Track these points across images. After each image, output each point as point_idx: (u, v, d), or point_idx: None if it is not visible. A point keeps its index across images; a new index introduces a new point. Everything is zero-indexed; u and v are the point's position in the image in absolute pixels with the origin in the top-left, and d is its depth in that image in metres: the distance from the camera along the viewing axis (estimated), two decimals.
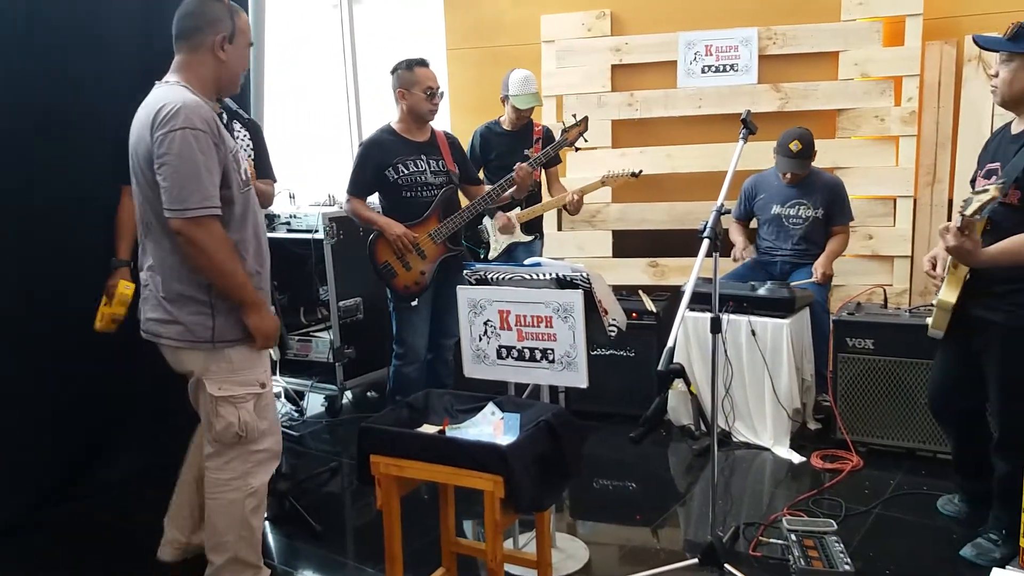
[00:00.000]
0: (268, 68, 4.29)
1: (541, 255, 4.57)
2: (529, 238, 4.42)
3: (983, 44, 2.66)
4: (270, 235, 4.29)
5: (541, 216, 4.49)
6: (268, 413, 2.56)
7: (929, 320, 2.76)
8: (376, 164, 3.61)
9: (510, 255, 4.37)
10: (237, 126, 3.26)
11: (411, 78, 3.58)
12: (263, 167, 3.30)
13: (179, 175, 2.24)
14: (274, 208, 4.56)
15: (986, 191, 2.29)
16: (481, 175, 4.37)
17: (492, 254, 4.37)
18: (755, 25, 4.84)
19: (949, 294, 2.63)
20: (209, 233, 2.28)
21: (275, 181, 3.41)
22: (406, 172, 3.59)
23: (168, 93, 2.32)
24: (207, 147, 2.27)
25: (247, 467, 2.50)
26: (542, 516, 2.46)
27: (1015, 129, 2.65)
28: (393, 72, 3.64)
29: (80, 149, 3.31)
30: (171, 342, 2.43)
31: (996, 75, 2.61)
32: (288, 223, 4.49)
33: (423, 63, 3.62)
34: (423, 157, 3.65)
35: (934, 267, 2.78)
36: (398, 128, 3.67)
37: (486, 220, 4.35)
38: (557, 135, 4.17)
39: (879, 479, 3.43)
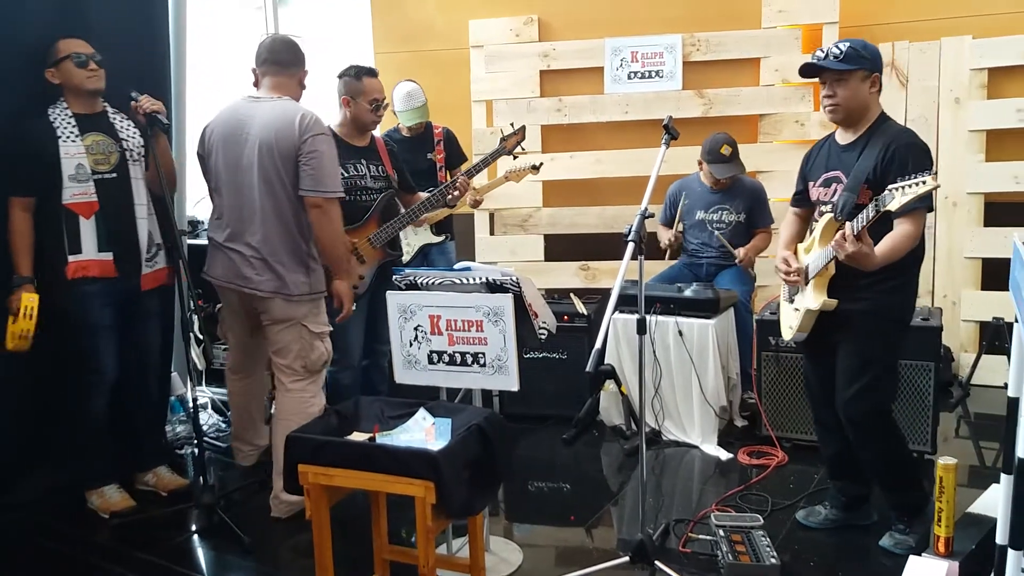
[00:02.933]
0: (191, 72, 4.20)
1: (455, 255, 4.60)
2: (440, 239, 4.48)
3: (826, 65, 2.69)
4: (194, 242, 4.25)
5: (451, 217, 4.53)
6: None
7: (791, 326, 2.88)
8: None
9: (425, 256, 4.41)
10: (128, 123, 3.30)
11: (358, 88, 3.53)
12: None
13: (324, 166, 3.05)
14: (198, 214, 4.46)
15: (921, 183, 2.36)
16: None
17: (405, 257, 4.37)
18: (679, 32, 4.95)
19: (823, 295, 2.74)
20: (336, 209, 3.13)
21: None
22: (346, 176, 3.52)
23: (294, 105, 3.13)
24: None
25: (319, 386, 3.30)
26: (475, 520, 2.46)
27: (843, 140, 2.80)
28: (340, 77, 3.58)
29: None
30: (276, 296, 3.13)
31: (831, 96, 2.70)
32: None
33: (372, 73, 3.57)
34: (363, 161, 3.63)
35: (788, 265, 2.88)
36: (339, 132, 3.61)
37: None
38: (487, 141, 4.19)
39: (803, 474, 3.53)
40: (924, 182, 2.35)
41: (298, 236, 3.15)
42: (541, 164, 4.38)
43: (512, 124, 4.09)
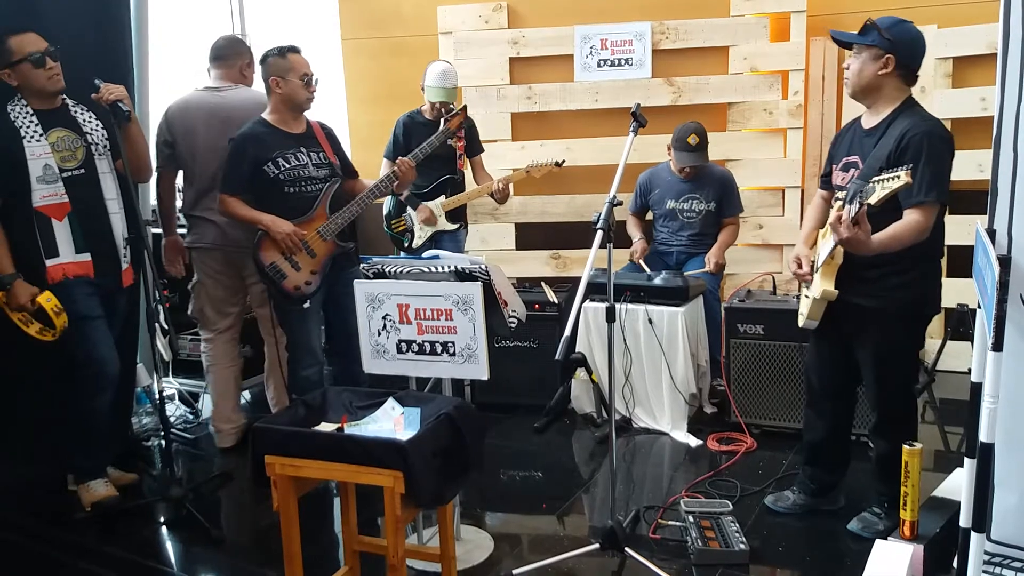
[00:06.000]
0: (155, 60, 4.12)
1: (466, 244, 4.58)
2: (454, 227, 4.41)
3: (839, 37, 2.78)
4: (158, 231, 4.18)
5: (465, 205, 4.49)
6: None
7: (803, 311, 2.87)
8: (253, 159, 3.36)
9: (436, 244, 4.34)
10: (89, 115, 3.22)
11: (285, 65, 3.37)
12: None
13: None
14: None
15: (895, 178, 2.33)
16: None
17: (416, 242, 4.35)
18: (648, 20, 4.94)
19: (828, 284, 2.70)
20: None
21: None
22: (288, 166, 3.38)
23: (259, 93, 3.55)
24: None
25: None
26: (444, 510, 2.45)
27: (867, 124, 2.76)
28: (263, 61, 3.43)
29: None
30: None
31: (847, 68, 2.74)
32: (178, 218, 4.31)
33: (295, 49, 3.43)
34: (303, 150, 3.45)
35: (800, 266, 2.88)
36: (272, 120, 3.44)
37: (409, 209, 4.35)
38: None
39: (772, 459, 3.56)
40: (898, 176, 2.31)
41: None
42: (563, 161, 4.33)
43: (452, 106, 4.07)
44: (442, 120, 3.98)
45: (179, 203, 3.91)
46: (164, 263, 3.90)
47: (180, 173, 3.82)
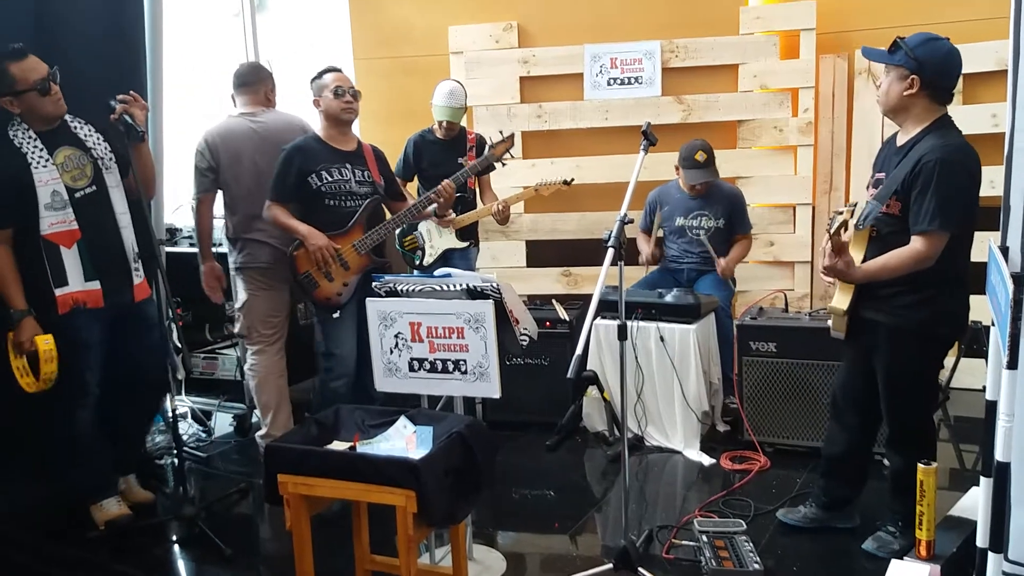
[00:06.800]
0: (168, 79, 4.16)
1: (476, 261, 4.59)
2: (464, 244, 4.44)
3: (868, 56, 2.79)
4: (172, 250, 4.22)
5: (476, 223, 4.51)
6: None
7: (830, 323, 2.88)
8: (299, 170, 3.48)
9: (447, 261, 4.37)
10: (89, 128, 3.20)
11: (321, 84, 3.53)
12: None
13: None
14: (177, 222, 4.43)
15: (840, 213, 2.45)
16: (415, 183, 4.47)
17: (427, 260, 4.36)
18: (658, 38, 4.96)
19: (841, 300, 2.74)
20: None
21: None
22: (330, 179, 3.49)
23: (294, 116, 3.70)
24: None
25: None
26: (457, 529, 2.45)
27: (899, 141, 2.75)
28: (311, 84, 3.59)
29: None
30: None
31: (879, 86, 2.74)
32: (191, 237, 4.36)
33: (332, 69, 3.57)
34: (348, 166, 3.56)
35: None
36: (323, 136, 3.59)
37: (421, 227, 4.38)
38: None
39: (785, 478, 3.54)
40: (842, 212, 2.46)
41: None
42: (572, 180, 4.36)
43: (501, 132, 4.08)
44: (487, 147, 4.02)
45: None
46: (205, 289, 3.94)
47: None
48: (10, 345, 2.98)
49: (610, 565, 2.74)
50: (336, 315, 3.53)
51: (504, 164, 4.07)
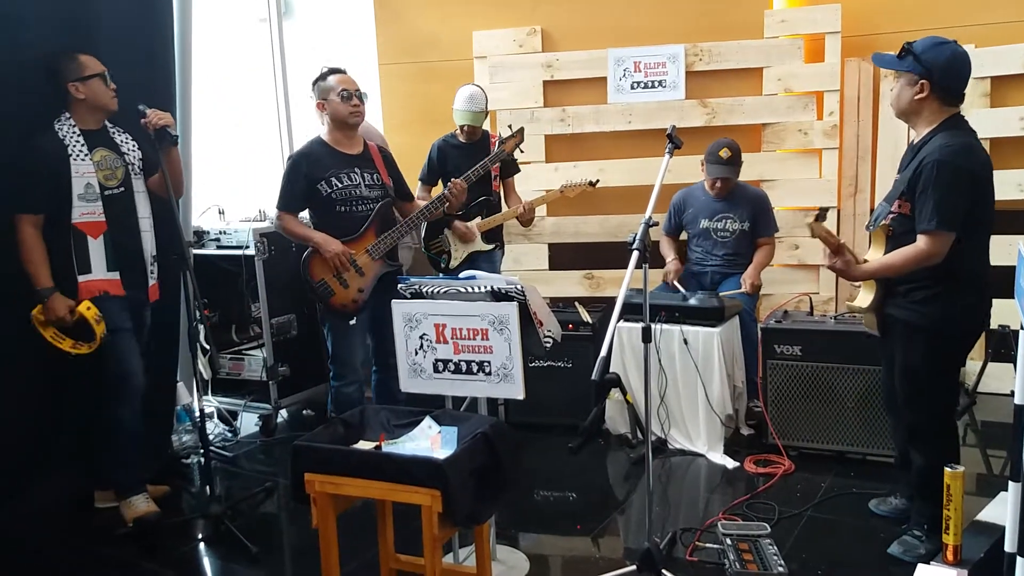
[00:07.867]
0: (196, 83, 4.22)
1: (501, 264, 4.60)
2: (490, 247, 4.44)
3: (878, 62, 2.82)
4: (199, 252, 4.27)
5: (501, 226, 4.52)
6: None
7: (863, 321, 2.96)
8: (308, 177, 3.48)
9: (472, 264, 4.35)
10: (126, 136, 3.34)
11: (326, 86, 3.49)
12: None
13: None
14: (203, 224, 4.49)
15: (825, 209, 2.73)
16: (440, 187, 4.43)
17: (453, 263, 4.37)
18: (682, 42, 4.96)
19: (863, 299, 2.82)
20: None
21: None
22: (340, 185, 3.48)
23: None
24: None
25: None
26: (481, 529, 2.46)
27: (914, 142, 2.79)
28: (313, 86, 3.55)
29: None
30: None
31: (892, 91, 2.78)
32: (218, 239, 4.41)
33: (337, 70, 3.53)
34: (357, 170, 3.54)
35: None
36: (328, 140, 3.55)
37: (447, 230, 4.37)
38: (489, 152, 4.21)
39: (810, 482, 3.52)
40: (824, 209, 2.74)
41: None
42: (598, 181, 4.39)
43: (510, 127, 4.09)
44: (497, 143, 4.03)
45: None
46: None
47: None
48: (39, 319, 3.09)
49: (633, 567, 2.74)
50: (353, 322, 3.53)
51: (515, 159, 4.07)
